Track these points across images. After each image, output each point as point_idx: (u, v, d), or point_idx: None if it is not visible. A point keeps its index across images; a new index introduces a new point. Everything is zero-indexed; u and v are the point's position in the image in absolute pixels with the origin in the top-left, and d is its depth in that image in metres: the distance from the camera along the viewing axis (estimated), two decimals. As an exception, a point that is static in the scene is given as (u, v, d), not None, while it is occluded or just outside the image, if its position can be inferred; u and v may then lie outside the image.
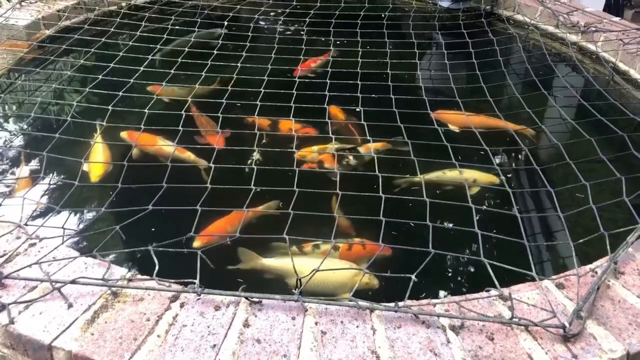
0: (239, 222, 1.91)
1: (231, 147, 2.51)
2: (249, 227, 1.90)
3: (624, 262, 1.62)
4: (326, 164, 2.38)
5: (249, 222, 1.85)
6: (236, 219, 1.97)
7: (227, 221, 2.02)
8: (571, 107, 2.97)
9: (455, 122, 2.74)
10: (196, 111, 2.74)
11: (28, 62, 3.21)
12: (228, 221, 2.01)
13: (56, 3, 3.68)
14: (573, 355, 1.31)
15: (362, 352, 1.30)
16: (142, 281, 1.49)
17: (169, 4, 4.07)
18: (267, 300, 1.43)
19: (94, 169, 2.30)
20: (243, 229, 1.80)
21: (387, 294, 1.79)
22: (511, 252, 1.88)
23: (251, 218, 2.05)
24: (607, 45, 3.35)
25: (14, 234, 1.66)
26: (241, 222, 1.90)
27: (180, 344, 1.30)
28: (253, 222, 2.06)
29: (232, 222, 1.99)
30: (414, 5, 4.43)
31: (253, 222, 2.07)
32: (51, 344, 1.31)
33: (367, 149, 2.49)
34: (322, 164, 2.40)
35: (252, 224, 2.03)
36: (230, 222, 2.00)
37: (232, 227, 1.97)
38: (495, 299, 1.47)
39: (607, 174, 2.15)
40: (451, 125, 2.71)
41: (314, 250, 1.96)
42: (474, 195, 2.14)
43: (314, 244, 1.98)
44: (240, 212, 1.95)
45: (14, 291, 1.45)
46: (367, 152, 2.47)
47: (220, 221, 2.02)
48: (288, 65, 3.16)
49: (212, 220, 2.00)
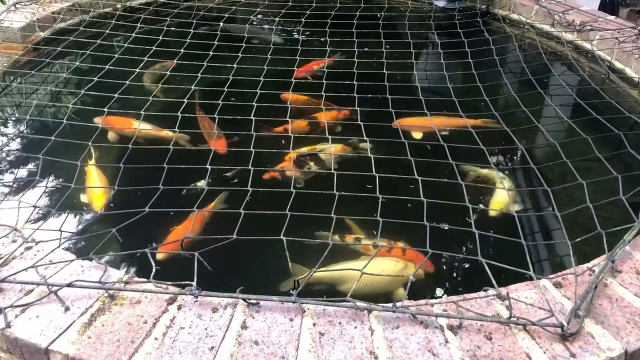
0: (198, 224, 1.94)
1: (228, 149, 2.51)
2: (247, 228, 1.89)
3: (621, 260, 1.62)
4: (287, 172, 2.35)
5: (245, 222, 1.84)
6: (191, 223, 1.99)
7: (184, 227, 2.02)
8: (567, 105, 2.97)
9: (417, 128, 2.66)
10: (200, 112, 2.73)
11: (23, 64, 3.20)
12: (185, 227, 2.02)
13: (51, 5, 3.67)
14: (571, 354, 1.31)
15: (361, 353, 1.30)
16: (139, 284, 1.48)
17: (164, 5, 4.06)
18: (265, 301, 1.43)
19: (94, 198, 2.25)
20: (239, 231, 1.79)
21: (385, 295, 1.80)
22: (509, 251, 1.88)
23: (248, 219, 2.05)
24: (602, 43, 3.36)
25: (10, 237, 1.66)
26: (199, 224, 1.96)
27: (178, 347, 1.30)
28: (250, 223, 2.06)
29: (187, 227, 2.00)
30: (410, 5, 4.44)
31: (250, 222, 2.06)
32: (48, 348, 1.30)
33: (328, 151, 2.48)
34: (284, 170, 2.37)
35: (249, 225, 2.03)
36: (186, 227, 2.01)
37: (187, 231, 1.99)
38: (493, 299, 1.47)
39: (603, 172, 2.15)
40: (414, 133, 2.64)
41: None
42: (471, 195, 2.13)
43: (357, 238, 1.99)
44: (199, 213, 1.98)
45: (10, 295, 1.44)
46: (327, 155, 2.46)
47: (179, 228, 2.03)
48: (284, 66, 3.16)
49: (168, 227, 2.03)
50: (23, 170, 2.42)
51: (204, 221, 2.09)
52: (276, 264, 1.86)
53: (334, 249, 1.70)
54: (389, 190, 2.05)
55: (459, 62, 3.30)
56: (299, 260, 1.79)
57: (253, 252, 1.95)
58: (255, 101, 2.69)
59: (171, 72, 2.99)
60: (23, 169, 2.43)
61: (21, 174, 2.39)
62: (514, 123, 2.64)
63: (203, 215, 2.10)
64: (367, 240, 2.05)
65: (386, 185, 2.09)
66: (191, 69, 3.01)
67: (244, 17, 4.13)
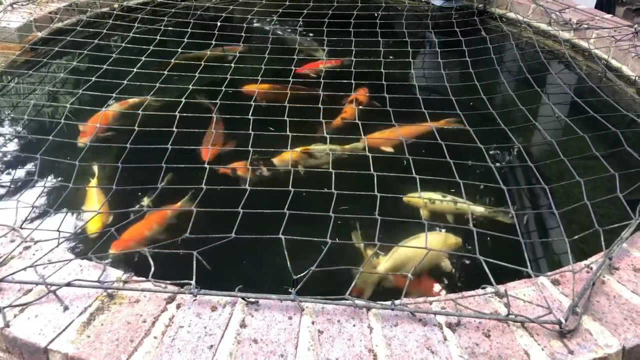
0: (158, 224, 1.96)
1: (225, 148, 2.51)
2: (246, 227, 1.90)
3: (619, 257, 1.63)
4: (239, 172, 2.33)
5: (242, 222, 1.84)
6: (153, 221, 2.01)
7: (144, 225, 2.03)
8: (564, 104, 2.98)
9: (385, 142, 2.60)
10: (215, 113, 2.72)
11: (20, 64, 3.19)
12: (145, 225, 2.02)
13: (48, 5, 3.66)
14: (569, 351, 1.31)
15: (359, 351, 1.30)
16: (138, 283, 1.49)
17: (162, 5, 4.05)
18: (264, 300, 1.43)
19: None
20: (238, 229, 1.79)
21: (384, 293, 1.81)
22: (507, 249, 1.89)
23: (245, 218, 2.05)
24: (599, 42, 3.36)
25: (9, 237, 1.66)
26: (162, 223, 1.98)
27: (177, 345, 1.30)
28: (247, 223, 2.06)
29: (150, 225, 2.01)
30: (407, 4, 4.44)
31: (247, 222, 2.06)
32: (47, 347, 1.30)
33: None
34: (236, 171, 2.36)
35: (246, 225, 2.03)
36: (147, 225, 2.01)
37: (150, 230, 2.00)
38: (492, 296, 1.48)
39: (601, 170, 2.15)
40: (383, 147, 2.58)
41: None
42: (469, 194, 2.14)
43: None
44: (157, 212, 2.02)
45: (9, 294, 1.44)
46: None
47: (138, 225, 2.03)
48: (281, 65, 3.16)
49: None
50: (21, 170, 2.42)
51: (164, 220, 2.10)
52: (275, 262, 1.86)
53: (333, 247, 1.70)
54: (387, 189, 2.05)
55: (456, 61, 3.30)
56: (298, 258, 1.79)
57: (252, 250, 1.95)
58: (253, 100, 2.69)
59: (169, 72, 2.98)
60: (21, 169, 2.42)
61: (19, 174, 2.39)
62: (512, 121, 2.64)
63: (162, 214, 2.11)
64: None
65: (384, 184, 2.10)
66: (189, 69, 3.01)
67: (241, 16, 4.13)
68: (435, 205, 2.19)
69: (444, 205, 2.19)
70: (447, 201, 2.19)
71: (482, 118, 2.71)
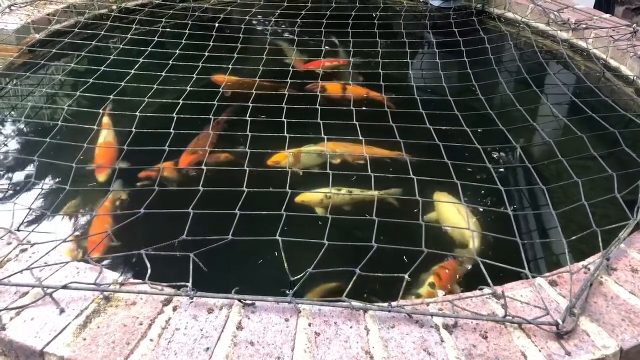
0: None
1: (223, 149, 2.50)
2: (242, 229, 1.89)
3: (617, 258, 1.63)
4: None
5: (239, 224, 1.84)
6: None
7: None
8: (563, 104, 2.98)
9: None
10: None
11: (18, 66, 3.19)
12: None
13: (46, 7, 3.66)
14: (567, 352, 1.31)
15: (356, 353, 1.30)
16: (135, 285, 1.48)
17: (160, 6, 4.05)
18: (261, 302, 1.43)
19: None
20: (235, 231, 1.79)
21: (381, 294, 1.80)
22: (504, 250, 1.88)
23: (242, 219, 2.04)
24: (598, 42, 3.36)
25: (5, 240, 1.65)
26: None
27: (174, 348, 1.30)
28: (244, 225, 2.06)
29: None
30: (405, 5, 4.44)
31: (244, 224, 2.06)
32: (43, 350, 1.30)
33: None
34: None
35: (243, 227, 2.03)
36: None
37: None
38: (489, 298, 1.47)
39: (599, 170, 2.15)
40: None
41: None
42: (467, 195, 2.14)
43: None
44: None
45: (6, 297, 1.44)
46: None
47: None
48: (280, 67, 3.16)
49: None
50: (18, 173, 2.41)
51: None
52: (272, 264, 1.86)
53: (330, 249, 1.70)
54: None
55: (454, 61, 3.30)
56: (295, 260, 1.79)
57: (249, 252, 1.94)
58: (250, 102, 2.69)
59: (167, 74, 2.97)
60: (18, 171, 2.42)
61: (17, 176, 2.39)
62: (510, 122, 2.64)
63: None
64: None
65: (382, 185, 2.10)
66: (186, 70, 3.01)
67: (240, 17, 4.13)
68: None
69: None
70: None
71: (480, 118, 2.71)
